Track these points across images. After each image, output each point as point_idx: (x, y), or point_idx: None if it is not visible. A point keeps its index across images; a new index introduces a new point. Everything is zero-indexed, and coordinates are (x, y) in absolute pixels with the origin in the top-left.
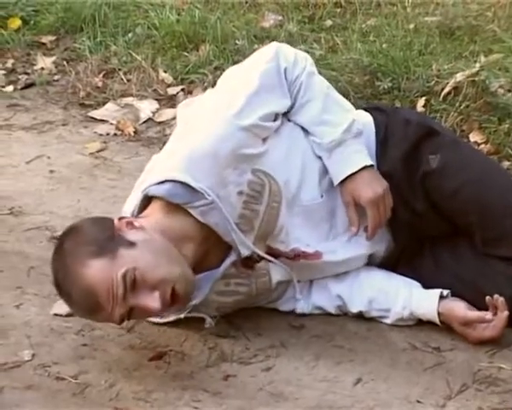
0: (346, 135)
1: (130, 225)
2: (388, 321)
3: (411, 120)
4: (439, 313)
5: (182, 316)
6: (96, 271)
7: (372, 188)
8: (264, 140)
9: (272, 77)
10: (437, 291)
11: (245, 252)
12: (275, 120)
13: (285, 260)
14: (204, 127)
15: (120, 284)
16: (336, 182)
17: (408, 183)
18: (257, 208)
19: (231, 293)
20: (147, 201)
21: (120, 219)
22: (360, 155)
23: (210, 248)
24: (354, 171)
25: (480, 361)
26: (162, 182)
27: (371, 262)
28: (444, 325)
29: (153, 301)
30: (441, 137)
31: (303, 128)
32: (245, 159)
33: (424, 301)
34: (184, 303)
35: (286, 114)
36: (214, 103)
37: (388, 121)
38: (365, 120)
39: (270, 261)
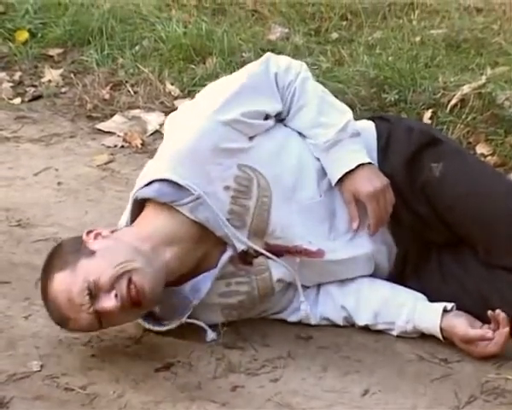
0: (341, 134)
1: (98, 235)
2: (394, 333)
3: (414, 128)
4: (441, 329)
5: (182, 321)
6: (57, 284)
7: (371, 183)
8: (252, 138)
9: (259, 78)
10: (441, 305)
11: (240, 246)
12: (266, 120)
13: (287, 257)
14: (186, 125)
15: (84, 294)
16: (334, 181)
17: (410, 188)
18: (246, 203)
19: (233, 293)
20: (139, 207)
21: (88, 232)
22: (357, 153)
23: (207, 250)
24: (350, 168)
25: (488, 373)
26: (149, 183)
27: (377, 275)
28: (447, 341)
29: (108, 301)
30: (444, 146)
31: (301, 134)
32: (228, 154)
33: (427, 315)
34: (151, 299)
35: (283, 121)
36: (198, 103)
37: (391, 128)
38: (366, 125)
39: (267, 257)
